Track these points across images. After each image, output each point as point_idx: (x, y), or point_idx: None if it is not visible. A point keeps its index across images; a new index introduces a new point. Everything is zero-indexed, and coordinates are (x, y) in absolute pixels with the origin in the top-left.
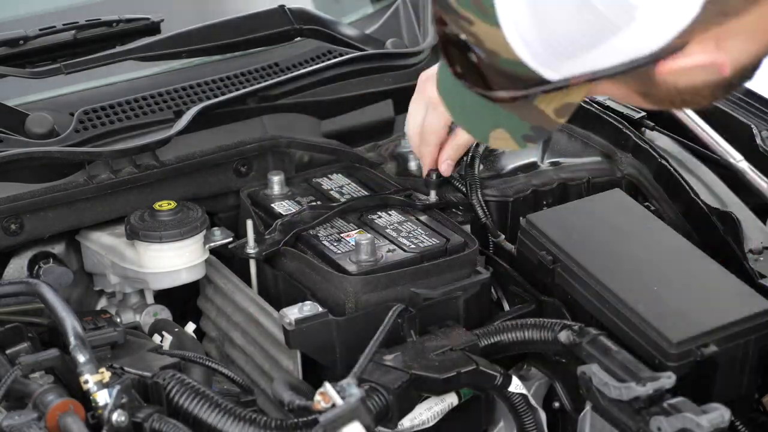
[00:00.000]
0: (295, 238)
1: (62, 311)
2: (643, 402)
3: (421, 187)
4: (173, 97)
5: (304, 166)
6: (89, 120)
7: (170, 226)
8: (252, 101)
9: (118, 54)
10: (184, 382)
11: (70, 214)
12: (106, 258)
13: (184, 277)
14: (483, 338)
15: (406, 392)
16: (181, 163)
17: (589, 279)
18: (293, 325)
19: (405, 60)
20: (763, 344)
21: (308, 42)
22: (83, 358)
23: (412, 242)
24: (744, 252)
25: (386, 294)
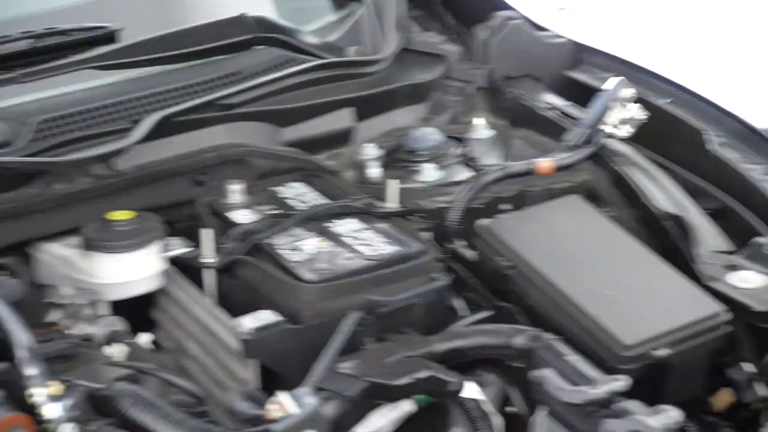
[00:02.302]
0: (253, 247)
1: (12, 323)
2: (595, 405)
3: (382, 194)
4: (133, 105)
5: (265, 175)
6: (46, 129)
7: (126, 236)
8: (212, 110)
9: (75, 63)
10: (137, 393)
11: (24, 226)
12: (59, 269)
13: (139, 288)
14: (440, 344)
15: (362, 399)
16: (139, 172)
17: (544, 284)
18: (249, 335)
19: (366, 68)
20: (713, 347)
21: (269, 50)
22: (30, 372)
23: (371, 250)
24: (695, 256)
25: (344, 302)
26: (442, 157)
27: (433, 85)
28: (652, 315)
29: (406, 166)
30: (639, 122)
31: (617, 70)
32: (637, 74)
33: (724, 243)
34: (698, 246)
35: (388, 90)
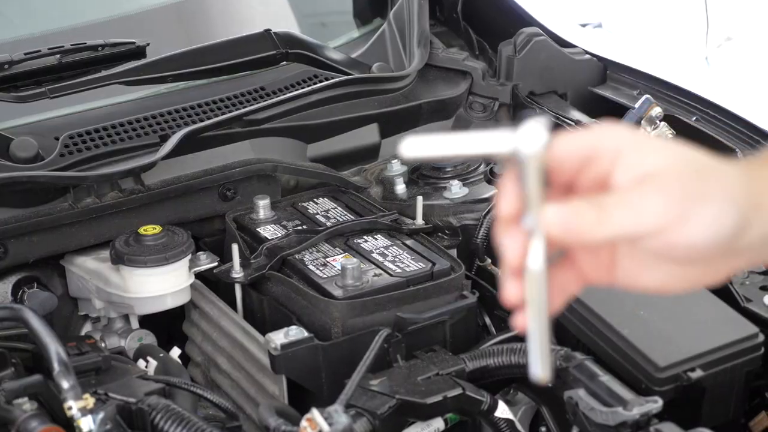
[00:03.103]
0: (280, 262)
1: (46, 337)
2: (629, 427)
3: (407, 211)
4: (159, 121)
5: (290, 191)
6: (74, 144)
7: (155, 250)
8: (238, 125)
9: (103, 78)
10: (169, 408)
11: (54, 239)
12: (90, 283)
13: (169, 302)
14: (469, 363)
15: (392, 417)
16: (167, 187)
17: (576, 303)
18: (279, 350)
19: (391, 84)
20: (749, 368)
21: (294, 66)
22: (67, 384)
23: (398, 267)
24: None
25: (372, 319)
26: (468, 174)
27: (458, 102)
28: (686, 336)
29: (432, 183)
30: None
31: (643, 86)
32: (664, 90)
33: None
34: None
35: (412, 106)
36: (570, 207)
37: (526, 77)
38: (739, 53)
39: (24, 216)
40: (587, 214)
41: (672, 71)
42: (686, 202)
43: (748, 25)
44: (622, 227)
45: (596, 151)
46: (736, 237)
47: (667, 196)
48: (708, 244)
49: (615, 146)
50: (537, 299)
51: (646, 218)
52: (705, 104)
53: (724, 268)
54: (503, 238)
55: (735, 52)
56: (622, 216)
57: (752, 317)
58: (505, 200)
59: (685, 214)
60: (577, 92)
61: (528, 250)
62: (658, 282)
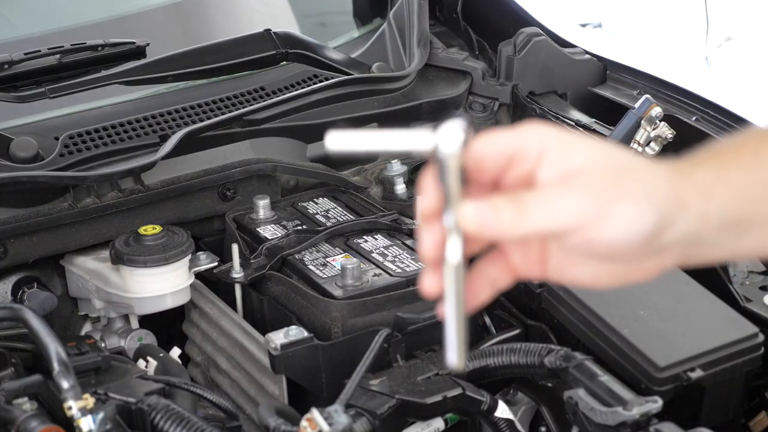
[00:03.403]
0: (280, 262)
1: (46, 336)
2: (629, 427)
3: (407, 211)
4: (158, 121)
5: (290, 190)
6: (74, 144)
7: (155, 250)
8: (238, 125)
9: (103, 78)
10: (169, 408)
11: (54, 239)
12: (90, 283)
13: (169, 302)
14: (469, 363)
15: (392, 417)
16: (166, 187)
17: (575, 303)
18: (279, 350)
19: (391, 84)
20: (749, 368)
21: (294, 66)
22: (67, 384)
23: (398, 266)
24: (729, 276)
25: (372, 318)
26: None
27: (458, 102)
28: (686, 336)
29: None
30: (666, 140)
31: (643, 86)
32: (664, 90)
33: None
34: (733, 266)
35: (412, 106)
36: (488, 204)
37: (525, 77)
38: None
39: (24, 216)
40: (505, 211)
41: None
42: (605, 201)
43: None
44: (540, 224)
45: (520, 150)
46: (657, 235)
47: (585, 195)
48: (628, 242)
49: (539, 145)
50: (454, 291)
51: (563, 216)
52: (705, 104)
53: (651, 265)
54: (422, 232)
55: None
56: (540, 213)
57: (752, 317)
58: (425, 197)
59: (604, 213)
60: (577, 92)
61: (446, 245)
62: (587, 277)
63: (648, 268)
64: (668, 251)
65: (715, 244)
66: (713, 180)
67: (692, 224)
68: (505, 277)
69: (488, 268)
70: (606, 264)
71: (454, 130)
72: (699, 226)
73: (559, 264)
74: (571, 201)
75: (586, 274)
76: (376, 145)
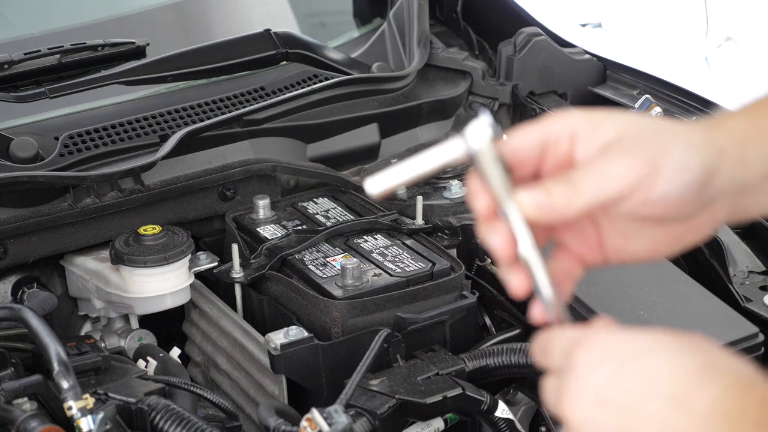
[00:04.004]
0: (280, 262)
1: (46, 337)
2: None
3: (407, 211)
4: (158, 121)
5: (290, 190)
6: (74, 144)
7: (155, 250)
8: (238, 125)
9: (103, 78)
10: (169, 408)
11: (54, 239)
12: (90, 283)
13: (169, 302)
14: (469, 363)
15: (392, 417)
16: (166, 187)
17: (575, 303)
18: (279, 350)
19: (391, 84)
20: None
21: (294, 66)
22: (67, 384)
23: (398, 266)
24: (729, 276)
25: (372, 318)
26: (468, 174)
27: (458, 102)
28: None
29: (432, 183)
30: None
31: (643, 86)
32: (664, 90)
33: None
34: (732, 266)
35: (412, 106)
36: (540, 187)
37: (525, 77)
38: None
39: (24, 216)
40: (558, 190)
41: (672, 71)
42: (650, 158)
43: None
44: (594, 194)
45: (550, 137)
46: (705, 183)
47: (631, 156)
48: (681, 194)
49: (569, 128)
50: (543, 279)
51: (615, 180)
52: (705, 104)
53: (704, 222)
54: (488, 235)
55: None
56: (592, 184)
57: (752, 317)
58: (477, 200)
59: (654, 167)
60: (577, 92)
61: (515, 239)
62: (646, 248)
63: (702, 225)
64: (718, 202)
65: (759, 190)
66: (747, 128)
67: (735, 171)
68: (575, 268)
69: (558, 264)
70: (661, 228)
71: (479, 125)
72: (741, 172)
73: (616, 242)
74: (618, 165)
75: (644, 246)
76: (412, 172)
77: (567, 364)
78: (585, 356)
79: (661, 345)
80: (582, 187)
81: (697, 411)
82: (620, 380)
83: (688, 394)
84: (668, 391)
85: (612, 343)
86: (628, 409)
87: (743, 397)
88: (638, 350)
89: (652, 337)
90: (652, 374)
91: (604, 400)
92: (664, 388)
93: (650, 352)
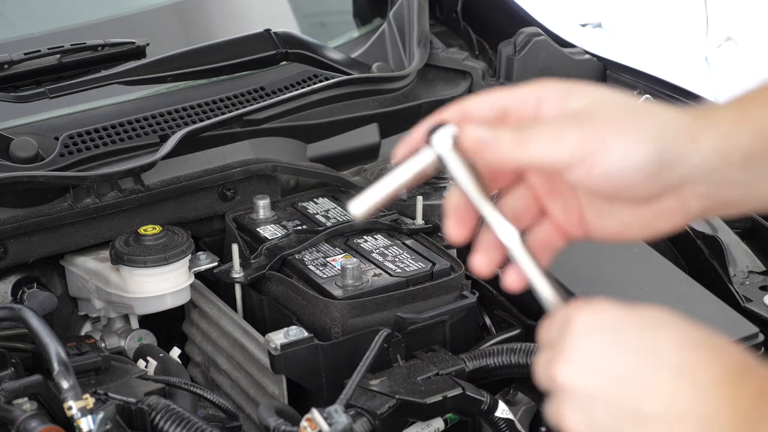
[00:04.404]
0: (280, 262)
1: (46, 337)
2: None
3: (407, 211)
4: (158, 121)
5: (290, 190)
6: (74, 144)
7: (155, 250)
8: (238, 125)
9: (103, 78)
10: (169, 408)
11: (54, 239)
12: (90, 283)
13: (169, 302)
14: (469, 363)
15: (392, 417)
16: (166, 187)
17: None
18: (279, 350)
19: (391, 84)
20: None
21: (294, 66)
22: (67, 384)
23: (398, 266)
24: (730, 276)
25: (372, 318)
26: None
27: None
28: None
29: (432, 183)
30: None
31: (643, 86)
32: (664, 90)
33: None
34: (732, 266)
35: (412, 106)
36: (490, 127)
37: (526, 77)
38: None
39: (24, 216)
40: (506, 135)
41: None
42: (604, 134)
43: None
44: (539, 152)
45: (515, 101)
46: (660, 167)
47: (585, 128)
48: (623, 174)
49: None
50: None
51: (562, 146)
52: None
53: (673, 208)
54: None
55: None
56: (541, 142)
57: (752, 317)
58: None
59: (602, 145)
60: None
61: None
62: (616, 228)
63: (671, 211)
64: (687, 190)
65: (741, 184)
66: (734, 118)
67: (709, 160)
68: (557, 239)
69: (539, 232)
70: (628, 209)
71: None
72: (719, 163)
73: (592, 218)
74: (571, 134)
75: (614, 225)
76: (390, 188)
77: (562, 333)
78: (581, 322)
79: (662, 320)
80: (530, 141)
81: (703, 382)
82: (619, 348)
83: (695, 366)
84: (675, 361)
85: (610, 313)
86: (629, 377)
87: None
88: (638, 322)
89: (651, 313)
90: (656, 345)
91: (601, 367)
92: (671, 359)
93: (651, 325)
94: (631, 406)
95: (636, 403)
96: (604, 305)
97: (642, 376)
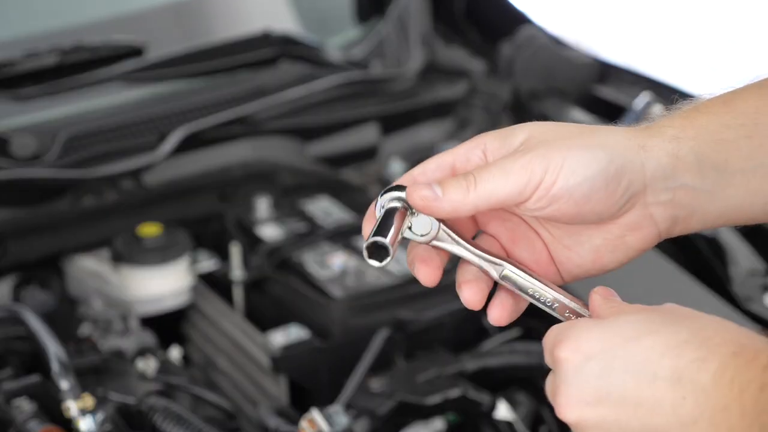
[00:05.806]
0: (281, 262)
1: (45, 337)
2: None
3: None
4: (158, 121)
5: (290, 190)
6: (74, 144)
7: (155, 250)
8: (238, 125)
9: (103, 78)
10: (169, 408)
11: (54, 239)
12: (90, 283)
13: (169, 302)
14: (470, 363)
15: (392, 417)
16: (166, 187)
17: None
18: (279, 350)
19: (390, 84)
20: None
21: (294, 66)
22: (66, 385)
23: (399, 267)
24: (729, 276)
25: (373, 318)
26: None
27: (458, 101)
28: None
29: None
30: None
31: (643, 86)
32: (663, 90)
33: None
34: (733, 266)
35: (413, 105)
36: (438, 183)
37: (526, 77)
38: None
39: (24, 216)
40: (454, 185)
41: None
42: (549, 157)
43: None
44: (491, 189)
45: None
46: (612, 177)
47: (529, 155)
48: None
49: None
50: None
51: (512, 176)
52: None
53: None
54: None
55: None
56: (489, 179)
57: (752, 317)
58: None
59: (548, 166)
60: (577, 92)
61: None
62: (590, 257)
63: (640, 226)
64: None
65: (700, 190)
66: (681, 125)
67: (664, 165)
68: None
69: None
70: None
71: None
72: (673, 166)
73: (563, 256)
74: (517, 163)
75: (587, 255)
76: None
77: (553, 364)
78: (569, 356)
79: (644, 326)
80: (480, 182)
81: (701, 383)
82: (610, 372)
83: (689, 368)
84: (668, 369)
85: (593, 336)
86: (629, 398)
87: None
88: (622, 338)
89: (632, 321)
90: (642, 358)
91: (600, 397)
92: (663, 368)
93: (633, 338)
94: (641, 426)
95: (644, 422)
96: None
97: (642, 395)
